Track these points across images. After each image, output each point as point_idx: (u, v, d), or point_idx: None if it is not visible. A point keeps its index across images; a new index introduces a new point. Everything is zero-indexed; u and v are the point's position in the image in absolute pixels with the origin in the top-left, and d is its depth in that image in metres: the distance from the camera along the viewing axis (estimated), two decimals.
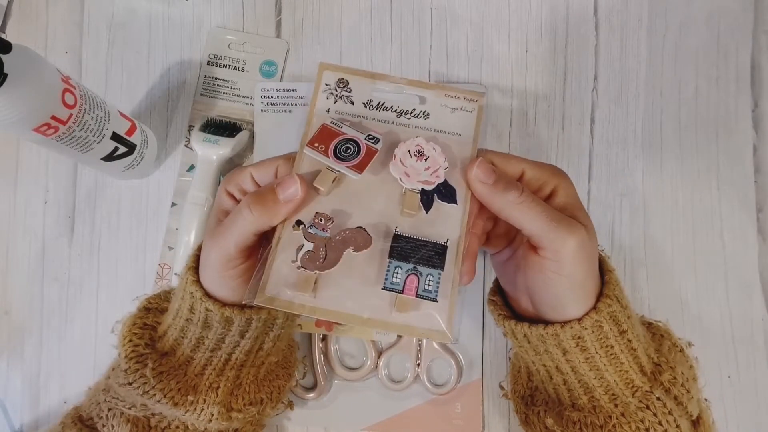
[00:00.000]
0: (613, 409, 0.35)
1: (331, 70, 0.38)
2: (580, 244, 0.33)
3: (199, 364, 0.39)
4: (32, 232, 0.54)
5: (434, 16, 0.54)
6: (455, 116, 0.37)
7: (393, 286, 0.33)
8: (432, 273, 0.33)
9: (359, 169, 0.35)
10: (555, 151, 0.52)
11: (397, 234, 0.34)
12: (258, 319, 0.37)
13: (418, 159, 0.35)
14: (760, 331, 0.49)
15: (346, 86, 0.38)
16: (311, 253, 0.34)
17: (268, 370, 0.43)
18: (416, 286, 0.33)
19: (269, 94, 0.53)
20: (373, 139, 0.36)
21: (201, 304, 0.36)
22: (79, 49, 0.55)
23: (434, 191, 0.35)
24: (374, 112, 0.38)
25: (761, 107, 0.52)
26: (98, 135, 0.45)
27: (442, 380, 0.50)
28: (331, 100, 0.38)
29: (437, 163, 0.35)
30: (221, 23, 0.55)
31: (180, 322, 0.38)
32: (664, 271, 0.50)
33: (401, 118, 0.38)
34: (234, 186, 0.37)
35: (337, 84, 0.38)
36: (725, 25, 0.52)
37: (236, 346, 0.38)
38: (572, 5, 0.53)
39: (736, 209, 0.51)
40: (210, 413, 0.38)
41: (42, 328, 0.53)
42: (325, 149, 0.36)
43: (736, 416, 0.49)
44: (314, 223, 0.34)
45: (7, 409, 0.52)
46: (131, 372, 0.37)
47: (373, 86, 0.38)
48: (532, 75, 0.53)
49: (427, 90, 0.38)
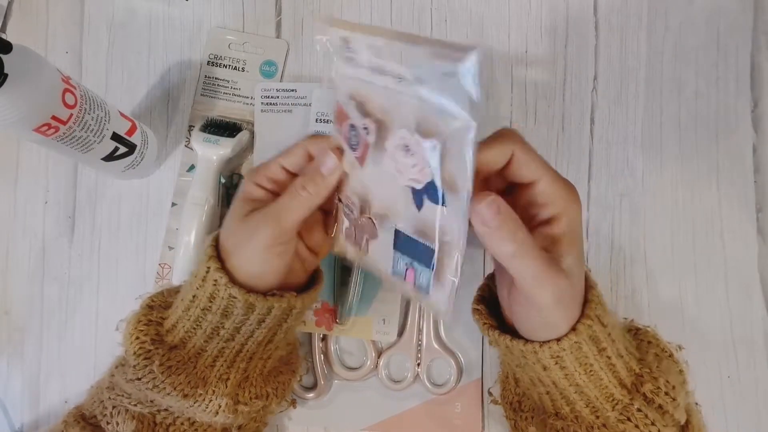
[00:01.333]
0: (594, 420, 0.36)
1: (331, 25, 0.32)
2: (558, 298, 0.32)
3: (210, 356, 0.39)
4: (32, 232, 0.54)
5: (434, 16, 0.54)
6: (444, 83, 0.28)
7: (397, 273, 0.35)
8: (424, 271, 0.33)
9: (360, 162, 0.35)
10: (555, 151, 0.52)
11: (397, 230, 0.34)
12: (278, 308, 0.38)
13: (406, 154, 0.31)
14: (760, 331, 0.49)
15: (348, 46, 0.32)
16: (348, 230, 0.38)
17: (273, 366, 0.43)
18: (413, 279, 0.34)
19: (269, 95, 0.53)
20: (365, 129, 0.33)
21: (225, 290, 0.37)
22: (80, 49, 0.55)
23: (423, 191, 0.31)
24: (378, 77, 0.31)
25: (761, 107, 0.52)
26: (98, 135, 0.45)
27: (442, 380, 0.50)
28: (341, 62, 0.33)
29: (424, 161, 0.30)
30: (221, 23, 0.55)
31: (195, 313, 0.38)
32: (664, 271, 0.50)
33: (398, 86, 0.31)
34: (263, 178, 0.38)
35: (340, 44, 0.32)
36: (725, 25, 0.52)
37: (251, 336, 0.39)
38: (572, 5, 0.53)
39: (735, 209, 0.51)
40: (218, 404, 0.39)
41: (42, 328, 0.53)
42: (342, 133, 0.35)
43: (736, 416, 0.49)
44: (345, 204, 0.38)
45: (7, 409, 0.52)
46: (140, 368, 0.38)
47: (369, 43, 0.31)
48: (532, 75, 0.53)
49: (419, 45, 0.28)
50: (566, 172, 0.52)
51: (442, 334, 0.51)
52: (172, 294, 0.42)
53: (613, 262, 0.51)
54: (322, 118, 0.51)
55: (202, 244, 0.40)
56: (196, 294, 0.38)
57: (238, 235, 0.37)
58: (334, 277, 0.50)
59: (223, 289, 0.37)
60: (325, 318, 0.49)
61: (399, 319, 0.50)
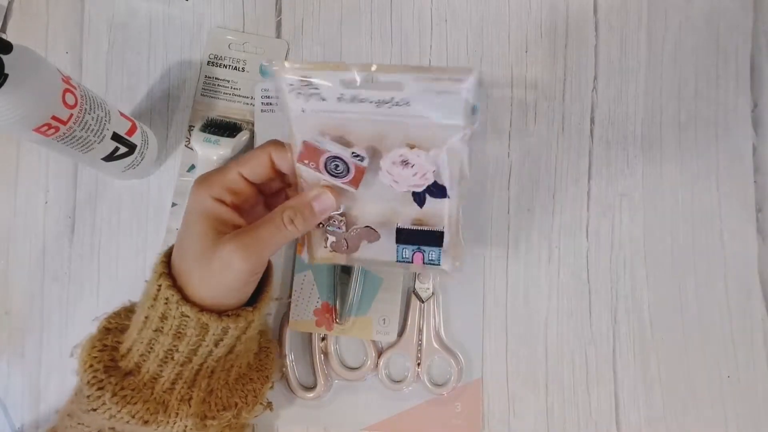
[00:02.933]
0: None
1: (289, 73, 0.33)
2: None
3: (167, 380, 0.37)
4: (33, 232, 0.54)
5: (434, 16, 0.54)
6: (440, 100, 0.32)
7: (404, 259, 0.41)
8: (434, 250, 0.40)
9: (355, 185, 0.36)
10: (555, 151, 0.52)
11: (399, 228, 0.40)
12: (235, 327, 0.36)
13: (404, 167, 0.36)
14: (759, 331, 0.49)
15: (309, 85, 0.33)
16: (335, 243, 0.41)
17: (240, 374, 0.41)
18: (422, 258, 0.41)
19: (269, 95, 0.53)
20: (357, 156, 0.35)
21: (177, 309, 0.35)
22: (80, 49, 0.55)
23: (425, 191, 0.38)
24: (349, 105, 0.33)
25: (761, 107, 0.52)
26: (99, 135, 0.45)
27: (442, 380, 0.50)
28: (301, 99, 0.34)
29: (424, 168, 0.36)
30: (221, 23, 0.55)
31: (147, 334, 0.36)
32: (664, 271, 0.50)
33: (381, 109, 0.33)
34: (222, 190, 0.36)
35: (300, 83, 0.33)
36: (725, 25, 0.52)
37: (209, 355, 0.37)
38: (572, 5, 0.53)
39: (735, 209, 0.51)
40: (183, 425, 0.37)
41: (42, 327, 0.53)
42: (317, 166, 0.36)
43: (736, 416, 0.49)
44: (330, 222, 0.40)
45: (7, 408, 0.52)
46: (93, 399, 0.36)
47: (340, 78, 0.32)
48: (532, 75, 0.53)
49: (404, 74, 0.32)
50: (566, 172, 0.52)
51: (442, 334, 0.51)
52: (130, 316, 0.39)
53: (613, 262, 0.51)
54: None
55: None
56: (149, 315, 0.36)
57: (207, 264, 0.34)
58: (334, 277, 0.50)
59: (175, 307, 0.35)
60: (325, 318, 0.50)
61: (399, 319, 0.50)
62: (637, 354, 0.50)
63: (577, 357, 0.50)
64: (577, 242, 0.51)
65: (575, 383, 0.50)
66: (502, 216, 0.52)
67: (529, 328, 0.51)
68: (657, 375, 0.50)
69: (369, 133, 0.35)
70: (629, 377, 0.50)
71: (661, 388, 0.49)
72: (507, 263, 0.51)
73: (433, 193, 0.37)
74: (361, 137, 0.35)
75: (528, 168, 0.52)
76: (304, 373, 0.51)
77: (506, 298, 0.51)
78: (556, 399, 0.50)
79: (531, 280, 0.51)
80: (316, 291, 0.50)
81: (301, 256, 0.42)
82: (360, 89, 0.33)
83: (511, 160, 0.52)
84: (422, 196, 0.38)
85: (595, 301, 0.51)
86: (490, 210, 0.52)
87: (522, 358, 0.50)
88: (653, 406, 0.49)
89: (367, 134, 0.35)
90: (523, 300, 0.51)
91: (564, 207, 0.51)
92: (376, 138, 0.35)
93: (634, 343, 0.50)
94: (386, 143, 0.35)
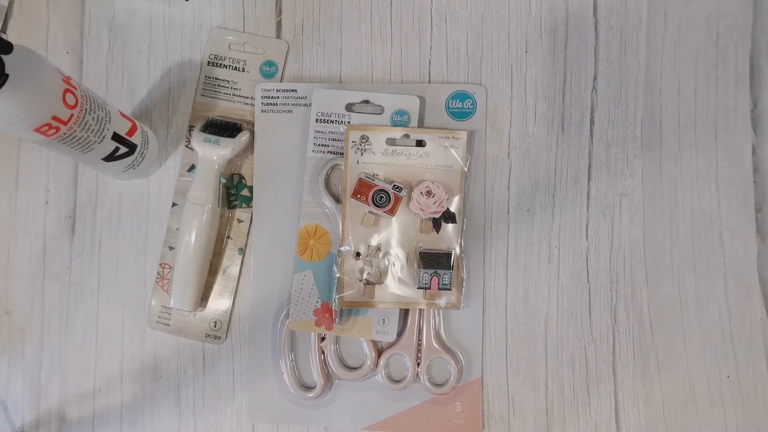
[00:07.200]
0: None
1: (355, 130, 0.50)
2: None
3: None
4: (33, 232, 0.54)
5: (434, 16, 0.54)
6: (448, 152, 0.50)
7: (423, 285, 0.49)
8: (446, 273, 0.49)
9: (392, 213, 0.49)
10: (555, 151, 0.52)
11: (422, 251, 0.49)
12: None
13: (428, 197, 0.49)
14: (759, 331, 0.50)
15: (367, 141, 0.50)
16: (370, 274, 0.49)
17: None
18: (437, 283, 0.48)
19: (269, 95, 0.53)
20: (397, 188, 0.49)
21: None
22: (80, 49, 0.55)
23: (441, 218, 0.49)
24: (391, 157, 0.50)
25: (760, 107, 0.52)
26: (99, 135, 0.45)
27: (442, 380, 0.50)
28: (358, 153, 0.50)
29: (441, 197, 0.49)
30: (221, 24, 0.55)
31: None
32: (664, 271, 0.51)
33: (410, 160, 0.50)
34: None
35: (360, 140, 0.50)
36: (724, 26, 0.52)
37: None
38: (572, 5, 0.53)
39: (735, 209, 0.51)
40: None
41: (43, 328, 0.53)
42: (366, 199, 0.49)
43: (736, 416, 0.49)
44: (368, 253, 0.49)
45: (8, 408, 0.52)
46: None
47: (385, 136, 0.50)
48: (532, 75, 0.53)
49: (424, 134, 0.50)
50: (566, 172, 0.52)
51: (442, 334, 0.51)
52: None
53: (613, 262, 0.51)
54: (322, 119, 0.51)
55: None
56: None
57: None
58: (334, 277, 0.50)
59: None
60: (325, 318, 0.50)
61: (399, 318, 0.50)
62: (637, 354, 0.50)
63: (577, 357, 0.50)
64: (577, 242, 0.51)
65: (575, 383, 0.50)
66: (502, 216, 0.52)
67: (529, 328, 0.51)
68: (657, 375, 0.50)
69: (404, 174, 0.50)
70: (629, 377, 0.50)
71: (660, 388, 0.50)
72: (507, 263, 0.51)
73: (446, 218, 0.49)
74: (400, 176, 0.50)
75: (528, 168, 0.52)
76: (304, 373, 0.51)
77: (506, 298, 0.51)
78: (556, 399, 0.50)
79: (531, 280, 0.51)
80: (316, 291, 0.50)
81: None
82: (397, 146, 0.50)
83: (510, 160, 0.52)
84: (439, 222, 0.49)
85: (595, 301, 0.51)
86: (490, 210, 0.52)
87: (522, 358, 0.50)
88: (653, 406, 0.49)
89: (403, 174, 0.50)
90: (523, 300, 0.51)
91: (564, 207, 0.52)
92: (408, 177, 0.50)
93: (634, 343, 0.50)
94: (416, 179, 0.50)
